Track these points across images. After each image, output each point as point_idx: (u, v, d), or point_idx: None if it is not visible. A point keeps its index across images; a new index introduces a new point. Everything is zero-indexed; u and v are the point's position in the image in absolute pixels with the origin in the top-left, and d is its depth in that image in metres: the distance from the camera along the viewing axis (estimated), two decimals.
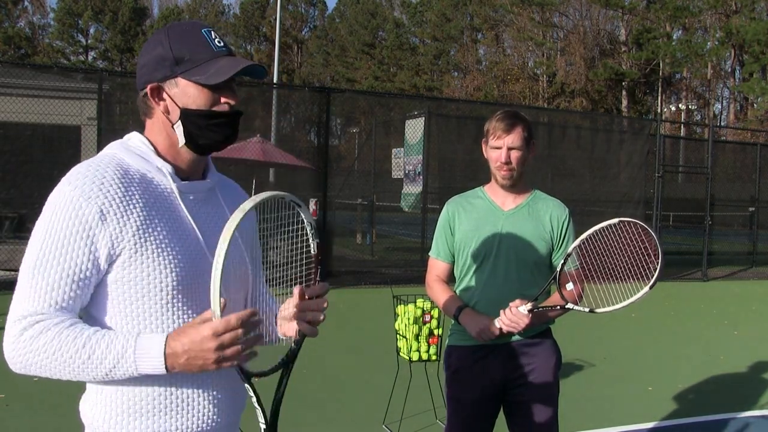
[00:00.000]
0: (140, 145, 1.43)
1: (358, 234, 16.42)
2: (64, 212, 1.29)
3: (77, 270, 1.29)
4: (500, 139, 2.50)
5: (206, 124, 1.40)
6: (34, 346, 1.26)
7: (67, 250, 1.29)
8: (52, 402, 4.57)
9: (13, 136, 11.63)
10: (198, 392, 1.42)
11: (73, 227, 1.29)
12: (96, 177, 1.32)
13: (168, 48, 1.38)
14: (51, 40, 55.19)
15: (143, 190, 1.36)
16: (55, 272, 1.28)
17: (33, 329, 1.26)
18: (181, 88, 1.38)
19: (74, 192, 1.30)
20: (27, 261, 1.31)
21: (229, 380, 1.48)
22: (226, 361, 1.26)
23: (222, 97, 1.40)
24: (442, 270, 2.68)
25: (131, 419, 1.37)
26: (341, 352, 6.49)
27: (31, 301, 1.28)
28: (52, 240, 1.29)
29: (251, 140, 11.25)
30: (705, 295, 11.65)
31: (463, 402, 2.56)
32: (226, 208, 1.50)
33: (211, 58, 1.38)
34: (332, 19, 64.66)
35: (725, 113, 52.54)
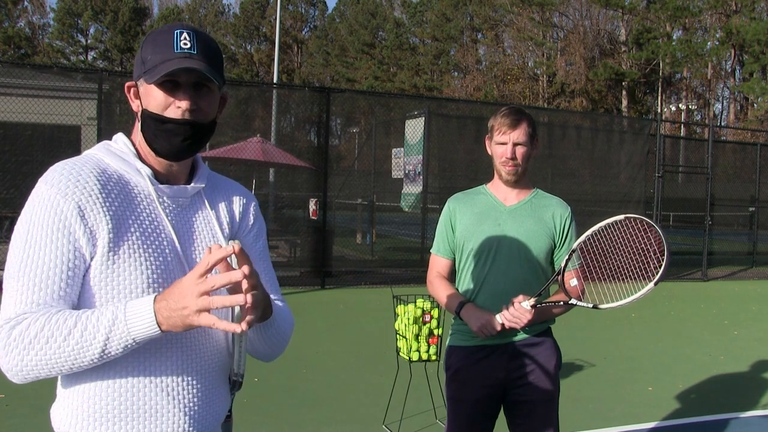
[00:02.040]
0: (122, 146, 1.42)
1: (358, 234, 16.42)
2: (42, 211, 1.28)
3: (63, 267, 1.28)
4: (506, 135, 2.51)
5: (156, 129, 1.37)
6: (25, 341, 1.23)
7: (50, 248, 1.27)
8: (52, 402, 4.57)
9: (13, 136, 11.64)
10: (168, 399, 1.36)
11: (53, 224, 1.28)
12: (72, 175, 1.31)
13: (141, 49, 1.40)
14: (51, 40, 55.19)
15: (119, 191, 1.35)
16: (40, 271, 1.26)
17: (21, 326, 1.23)
18: (144, 89, 1.38)
19: (51, 190, 1.29)
20: (10, 264, 1.28)
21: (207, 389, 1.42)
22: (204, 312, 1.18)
23: (176, 100, 1.35)
24: (443, 267, 2.68)
25: (97, 425, 1.33)
26: (341, 352, 6.49)
27: (19, 303, 1.26)
28: (33, 240, 1.28)
29: (251, 140, 11.27)
30: (705, 295, 11.65)
31: (463, 402, 2.56)
32: (213, 213, 1.48)
33: (166, 59, 1.33)
34: (332, 19, 64.68)
35: (725, 113, 52.57)
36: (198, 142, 1.40)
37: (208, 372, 1.42)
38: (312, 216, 11.52)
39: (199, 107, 1.37)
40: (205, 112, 1.39)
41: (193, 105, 1.36)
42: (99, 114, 9.61)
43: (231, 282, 1.19)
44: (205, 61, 1.35)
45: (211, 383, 1.43)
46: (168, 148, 1.38)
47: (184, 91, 1.35)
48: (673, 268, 13.92)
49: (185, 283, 1.20)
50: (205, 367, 1.42)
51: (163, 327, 1.22)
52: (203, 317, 1.18)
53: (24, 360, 1.24)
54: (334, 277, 11.08)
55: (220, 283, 1.18)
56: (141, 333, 1.22)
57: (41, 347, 1.22)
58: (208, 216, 1.48)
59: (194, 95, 1.36)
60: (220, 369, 1.46)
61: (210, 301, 1.17)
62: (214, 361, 1.44)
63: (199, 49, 1.36)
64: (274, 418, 4.54)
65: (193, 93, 1.36)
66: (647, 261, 2.27)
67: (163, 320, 1.21)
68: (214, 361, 1.44)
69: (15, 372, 1.26)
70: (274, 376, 5.38)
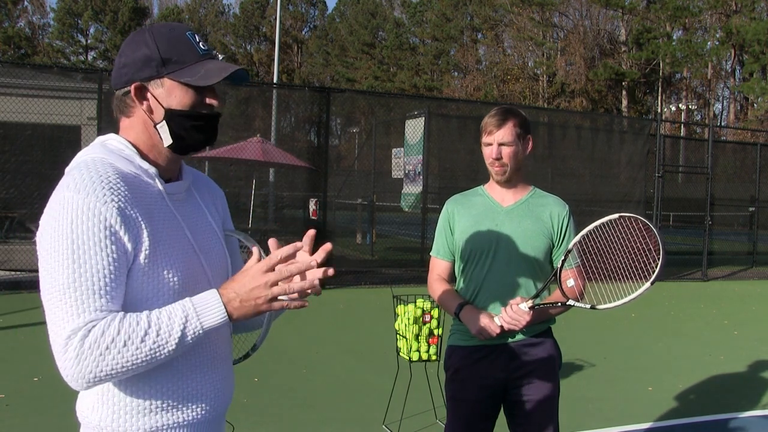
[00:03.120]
0: (123, 147, 1.43)
1: (358, 234, 16.42)
2: (85, 220, 1.28)
3: (116, 273, 1.30)
4: (491, 135, 2.50)
5: (190, 125, 1.43)
6: (102, 347, 1.25)
7: (101, 255, 1.28)
8: (52, 402, 4.57)
9: (13, 135, 11.64)
10: (201, 387, 1.46)
11: (99, 233, 1.29)
12: (104, 181, 1.32)
13: (155, 49, 1.40)
14: (51, 40, 55.16)
15: (141, 192, 1.38)
16: (97, 279, 1.28)
17: (92, 334, 1.25)
18: (167, 89, 1.41)
19: (88, 198, 1.29)
20: (58, 276, 1.27)
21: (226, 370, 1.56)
22: (275, 300, 1.33)
23: (207, 98, 1.44)
24: (443, 269, 2.68)
25: (139, 416, 1.39)
26: (341, 352, 6.49)
27: (81, 313, 1.26)
28: (82, 249, 1.28)
29: (251, 140, 11.26)
30: (705, 295, 11.65)
31: (463, 402, 2.56)
32: (204, 206, 1.56)
33: (197, 60, 1.42)
34: (332, 19, 64.65)
35: (725, 113, 52.57)
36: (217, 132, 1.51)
37: (224, 357, 1.55)
38: (312, 216, 11.53)
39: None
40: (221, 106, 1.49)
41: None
42: (99, 114, 9.61)
43: (303, 270, 1.35)
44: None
45: (226, 366, 1.56)
46: (198, 140, 1.46)
47: (213, 90, 1.45)
48: (673, 268, 13.92)
49: (254, 275, 1.33)
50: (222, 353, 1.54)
51: (234, 316, 1.34)
52: (276, 303, 1.33)
53: (99, 366, 1.26)
54: (334, 277, 11.03)
55: (295, 272, 1.34)
56: (213, 324, 1.33)
57: (119, 351, 1.26)
58: (202, 208, 1.56)
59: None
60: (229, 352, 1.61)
61: (286, 288, 1.33)
62: (228, 347, 1.58)
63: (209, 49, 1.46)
64: (274, 418, 4.54)
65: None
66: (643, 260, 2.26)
67: (233, 310, 1.33)
68: (228, 346, 1.58)
69: (87, 379, 1.27)
70: (274, 376, 5.38)
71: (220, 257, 1.53)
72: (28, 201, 10.89)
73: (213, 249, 1.52)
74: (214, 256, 1.51)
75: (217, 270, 1.50)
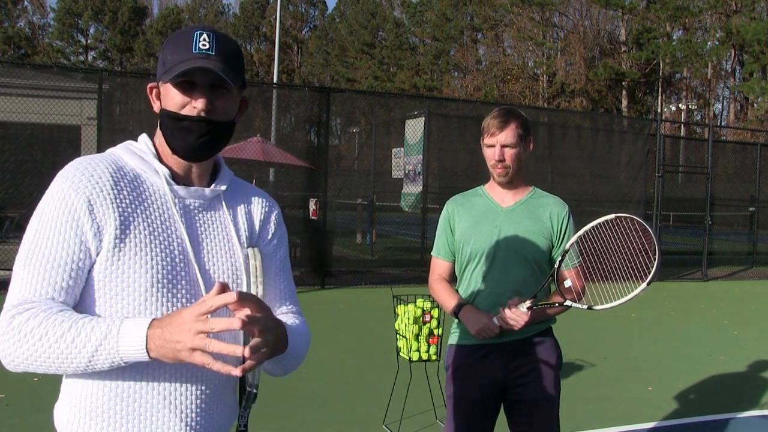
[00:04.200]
0: (143, 146, 1.45)
1: (358, 234, 16.42)
2: (54, 203, 1.32)
3: (68, 259, 1.29)
4: (493, 137, 2.50)
5: (173, 127, 1.39)
6: (22, 332, 1.23)
7: (58, 240, 1.29)
8: (52, 402, 4.56)
9: (13, 135, 11.64)
10: (165, 404, 1.35)
11: (62, 216, 1.30)
12: (86, 170, 1.34)
13: (162, 51, 1.43)
14: (51, 40, 55.18)
15: (133, 188, 1.38)
16: (46, 261, 1.28)
17: (21, 316, 1.24)
18: (164, 90, 1.41)
19: (64, 184, 1.32)
20: (21, 251, 1.31)
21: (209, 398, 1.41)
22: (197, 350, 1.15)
23: (193, 100, 1.37)
24: (443, 269, 2.68)
25: (93, 424, 1.34)
26: (341, 352, 6.49)
27: (23, 291, 1.28)
28: (43, 230, 1.31)
29: (251, 140, 11.25)
30: (705, 295, 11.65)
31: (463, 401, 2.56)
32: (230, 218, 1.48)
33: (183, 59, 1.35)
34: (332, 19, 64.67)
35: (725, 113, 52.59)
36: (215, 141, 1.41)
37: (211, 382, 1.41)
38: (312, 216, 11.52)
39: (215, 107, 1.38)
40: (222, 112, 1.40)
41: (209, 105, 1.37)
42: (99, 114, 9.61)
43: (230, 329, 1.15)
44: (223, 62, 1.37)
45: (214, 393, 1.42)
46: (184, 146, 1.40)
47: (200, 91, 1.37)
48: (673, 268, 13.92)
49: (184, 318, 1.17)
50: (209, 377, 1.40)
51: (152, 354, 1.20)
52: (196, 355, 1.15)
53: (18, 351, 1.24)
54: (334, 277, 11.07)
55: (218, 329, 1.14)
56: (129, 355, 1.21)
57: (34, 343, 1.23)
58: (225, 220, 1.48)
59: (210, 95, 1.38)
60: (226, 380, 1.45)
61: (206, 343, 1.14)
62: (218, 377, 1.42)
63: (218, 51, 1.37)
64: (274, 418, 4.54)
65: (209, 93, 1.37)
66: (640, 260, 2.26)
67: (154, 347, 1.19)
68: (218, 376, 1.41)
69: (8, 360, 1.27)
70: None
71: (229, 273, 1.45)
72: (28, 201, 10.87)
73: (219, 262, 1.44)
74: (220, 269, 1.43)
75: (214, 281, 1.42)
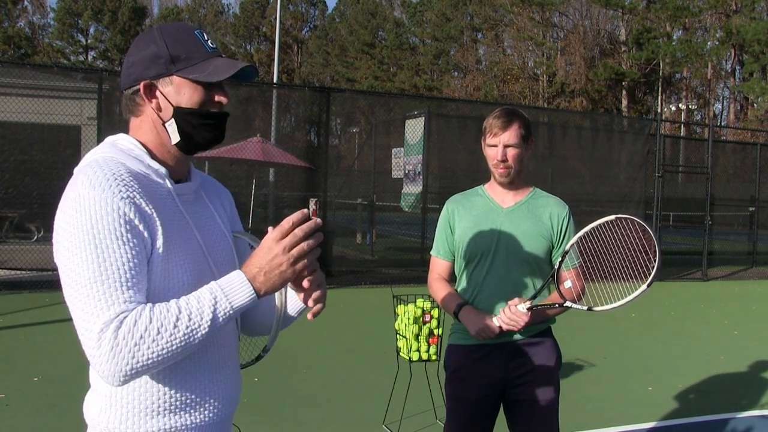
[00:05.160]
0: (133, 147, 1.43)
1: (358, 234, 16.41)
2: (104, 215, 1.28)
3: (140, 264, 1.31)
4: (496, 137, 2.50)
5: (199, 123, 1.43)
6: (136, 337, 1.24)
7: (126, 248, 1.28)
8: (52, 402, 4.57)
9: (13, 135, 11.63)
10: (210, 387, 1.46)
11: (120, 226, 1.28)
12: (117, 177, 1.32)
13: (163, 47, 1.40)
14: (51, 40, 55.15)
15: (152, 191, 1.38)
16: (123, 271, 1.27)
17: (125, 325, 1.24)
18: (176, 86, 1.40)
19: (105, 194, 1.29)
20: (83, 271, 1.26)
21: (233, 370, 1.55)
22: (298, 262, 1.33)
23: (216, 96, 1.43)
24: (443, 268, 2.68)
25: (148, 418, 1.38)
26: (341, 352, 6.49)
27: (111, 305, 1.26)
28: (104, 243, 1.27)
29: (251, 140, 11.24)
30: (705, 295, 11.65)
31: (463, 401, 2.56)
32: (212, 208, 1.56)
33: (205, 57, 1.41)
34: (332, 18, 64.65)
35: (725, 113, 52.58)
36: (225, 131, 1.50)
37: (231, 357, 1.54)
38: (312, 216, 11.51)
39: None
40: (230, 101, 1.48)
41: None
42: (99, 114, 9.62)
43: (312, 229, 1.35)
44: None
45: (234, 366, 1.56)
46: (207, 138, 1.46)
47: (222, 88, 1.45)
48: (673, 268, 13.92)
49: (269, 246, 1.32)
50: (230, 353, 1.54)
51: (261, 292, 1.34)
52: (299, 265, 1.33)
53: (135, 357, 1.25)
54: (334, 277, 11.07)
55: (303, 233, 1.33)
56: (244, 303, 1.32)
57: (153, 339, 1.25)
58: (210, 210, 1.55)
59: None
60: (237, 351, 1.61)
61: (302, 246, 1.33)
62: (234, 347, 1.58)
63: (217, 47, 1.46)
64: (274, 418, 4.54)
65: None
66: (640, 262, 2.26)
67: (260, 285, 1.33)
68: (234, 346, 1.58)
69: (124, 372, 1.25)
70: (274, 376, 5.38)
71: (228, 259, 1.52)
72: (28, 201, 10.90)
73: (221, 250, 1.51)
74: (222, 257, 1.51)
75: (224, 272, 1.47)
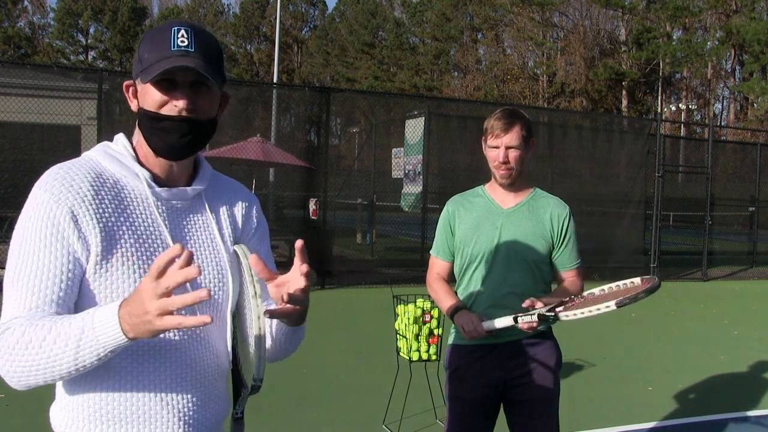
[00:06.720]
0: (121, 149, 1.40)
1: (358, 234, 16.41)
2: (36, 216, 1.28)
3: (57, 272, 1.26)
4: (498, 138, 2.50)
5: (152, 127, 1.35)
6: (10, 346, 1.21)
7: (44, 253, 1.26)
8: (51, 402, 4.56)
9: (13, 135, 11.64)
10: (163, 405, 1.35)
11: (46, 230, 1.26)
12: (66, 179, 1.30)
13: (139, 47, 1.37)
14: (51, 40, 55.17)
15: (114, 195, 1.33)
16: (33, 276, 1.25)
17: (7, 332, 1.22)
18: (141, 89, 1.36)
19: (44, 195, 1.28)
20: (8, 269, 1.28)
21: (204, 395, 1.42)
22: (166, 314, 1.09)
23: (172, 99, 1.32)
24: (442, 269, 2.68)
25: (92, 426, 1.33)
26: (341, 352, 6.48)
27: (14, 308, 1.25)
28: (28, 245, 1.27)
29: (251, 140, 11.26)
30: (705, 295, 11.64)
31: (463, 401, 2.56)
32: (212, 216, 1.46)
33: (162, 58, 1.30)
34: (332, 18, 64.66)
35: (725, 113, 52.57)
36: (196, 140, 1.36)
37: (205, 379, 1.41)
38: (312, 216, 11.52)
39: (196, 106, 1.34)
40: (204, 110, 1.36)
41: (191, 104, 1.32)
42: (99, 114, 9.61)
43: (187, 278, 1.07)
44: (203, 59, 1.32)
45: (209, 389, 1.42)
46: (164, 146, 1.35)
47: (181, 90, 1.32)
48: (673, 268, 13.92)
49: (143, 287, 1.10)
50: (203, 374, 1.41)
51: (130, 335, 1.14)
52: (167, 320, 1.09)
53: (12, 366, 1.22)
54: (334, 277, 11.06)
55: (174, 282, 1.07)
56: (109, 341, 1.15)
57: (21, 353, 1.20)
58: (208, 219, 1.46)
59: (192, 94, 1.33)
60: (219, 375, 1.46)
61: (169, 302, 1.08)
62: (211, 368, 1.43)
63: (198, 47, 1.32)
64: (274, 418, 4.54)
65: (190, 92, 1.33)
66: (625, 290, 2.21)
67: (129, 328, 1.13)
68: (211, 367, 1.43)
69: (9, 378, 1.25)
70: (275, 376, 5.37)
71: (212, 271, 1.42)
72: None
73: (204, 264, 1.41)
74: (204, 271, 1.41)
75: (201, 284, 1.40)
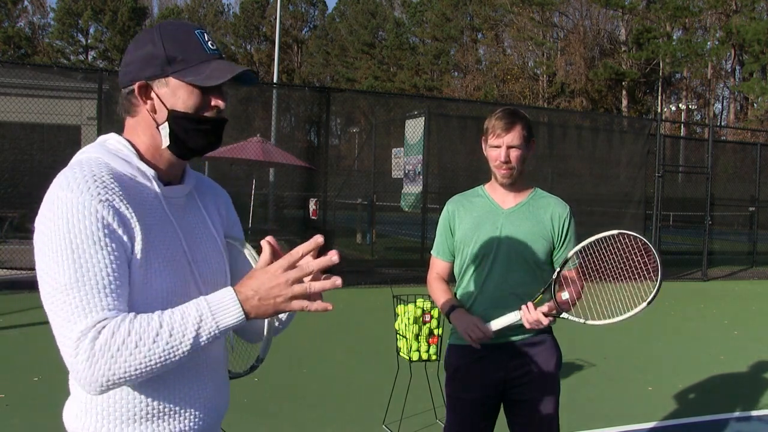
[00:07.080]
0: (121, 148, 1.39)
1: (358, 234, 16.41)
2: (81, 219, 1.23)
3: (119, 270, 1.26)
4: (499, 138, 2.49)
5: (193, 129, 1.37)
6: (113, 348, 1.19)
7: (103, 253, 1.23)
8: (52, 402, 4.56)
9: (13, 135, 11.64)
10: (189, 395, 1.41)
11: (98, 230, 1.24)
12: (97, 179, 1.28)
13: (160, 46, 1.34)
14: (51, 40, 55.16)
15: (136, 194, 1.33)
16: (101, 277, 1.23)
17: (102, 335, 1.20)
18: (171, 89, 1.35)
19: (83, 196, 1.24)
20: (59, 277, 1.22)
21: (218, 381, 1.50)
22: (296, 299, 1.26)
23: (212, 99, 1.38)
24: (442, 269, 2.68)
25: (124, 426, 1.34)
26: (341, 352, 6.48)
27: (89, 312, 1.21)
28: (82, 248, 1.22)
29: (251, 140, 11.26)
30: (705, 295, 11.65)
31: (463, 401, 2.56)
32: (205, 213, 1.50)
33: (204, 60, 1.35)
34: (332, 18, 64.67)
35: (725, 113, 52.58)
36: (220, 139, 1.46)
37: (217, 366, 1.50)
38: (312, 216, 11.53)
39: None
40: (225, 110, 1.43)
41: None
42: (99, 114, 9.62)
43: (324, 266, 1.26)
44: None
45: (219, 376, 1.51)
46: (200, 144, 1.41)
47: (220, 92, 1.39)
48: (673, 268, 13.92)
49: (274, 273, 1.25)
50: (215, 362, 1.49)
51: (251, 315, 1.27)
52: (295, 303, 1.25)
53: (112, 368, 1.20)
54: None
55: (315, 268, 1.25)
56: (229, 323, 1.26)
57: (130, 352, 1.20)
58: (202, 214, 1.50)
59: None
60: (224, 362, 1.57)
61: (307, 286, 1.25)
62: (220, 357, 1.53)
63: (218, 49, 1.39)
64: (274, 418, 4.54)
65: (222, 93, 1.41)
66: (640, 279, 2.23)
67: (251, 309, 1.26)
68: (220, 356, 1.53)
69: (100, 383, 1.22)
70: (274, 375, 5.38)
71: (217, 267, 1.47)
72: (28, 201, 10.88)
73: (208, 257, 1.45)
74: (209, 265, 1.45)
75: (209, 279, 1.43)
